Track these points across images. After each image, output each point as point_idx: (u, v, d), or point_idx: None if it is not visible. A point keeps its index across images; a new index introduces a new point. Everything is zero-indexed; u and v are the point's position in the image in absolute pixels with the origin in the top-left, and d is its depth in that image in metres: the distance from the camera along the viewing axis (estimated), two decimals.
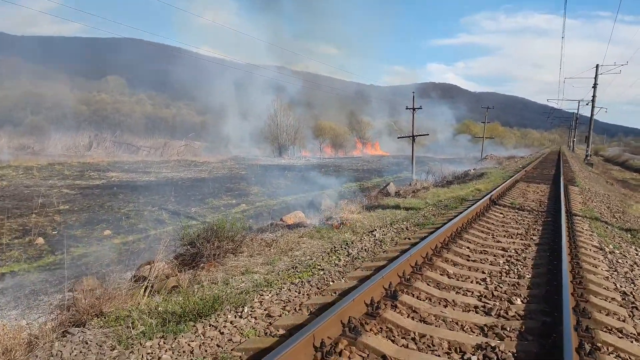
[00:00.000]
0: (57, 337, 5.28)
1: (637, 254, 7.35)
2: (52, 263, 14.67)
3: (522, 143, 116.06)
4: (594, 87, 45.73)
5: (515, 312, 4.57)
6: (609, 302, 4.95)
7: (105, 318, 5.63)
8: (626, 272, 6.21)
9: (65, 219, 18.72)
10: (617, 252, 7.30)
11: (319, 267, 6.61)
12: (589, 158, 45.19)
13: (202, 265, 8.98)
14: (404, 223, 9.82)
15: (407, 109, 32.55)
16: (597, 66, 46.48)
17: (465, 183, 19.39)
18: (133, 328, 4.88)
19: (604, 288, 5.39)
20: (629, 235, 8.96)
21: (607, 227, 9.38)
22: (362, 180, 36.41)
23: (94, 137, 47.42)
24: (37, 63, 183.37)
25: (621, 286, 5.56)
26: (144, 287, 7.85)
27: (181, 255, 10.18)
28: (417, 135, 32.54)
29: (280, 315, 4.60)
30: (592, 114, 45.19)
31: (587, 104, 53.43)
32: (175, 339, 4.37)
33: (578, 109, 72.76)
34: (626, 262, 6.77)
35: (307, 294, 5.24)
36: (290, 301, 5.02)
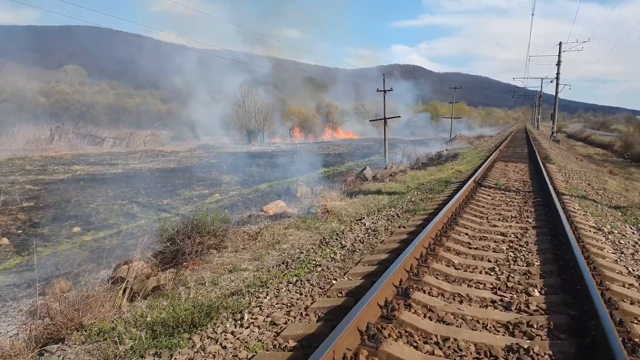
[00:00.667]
0: (34, 356, 4.73)
1: (634, 234, 7.22)
2: (18, 265, 13.81)
3: (487, 122, 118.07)
4: (558, 64, 46.48)
5: (537, 305, 4.28)
6: (629, 288, 4.73)
7: (86, 331, 5.08)
8: (632, 254, 6.04)
9: (30, 217, 17.70)
10: (616, 232, 7.16)
11: (314, 262, 6.19)
12: (554, 135, 46.12)
13: (184, 263, 8.46)
14: (392, 209, 9.50)
15: (377, 91, 32.22)
16: (560, 44, 47.20)
17: (442, 165, 19.28)
18: (120, 343, 4.37)
19: (618, 273, 5.18)
20: (619, 213, 8.89)
21: (596, 206, 9.30)
22: (335, 165, 36.08)
23: (55, 130, 45.31)
24: None
25: (633, 270, 5.36)
26: (122, 289, 7.29)
27: (161, 252, 9.59)
28: (388, 118, 32.32)
29: (286, 323, 4.17)
30: (556, 91, 45.99)
31: (551, 82, 54.41)
32: (171, 355, 3.90)
33: (541, 87, 74.20)
34: (628, 242, 6.62)
35: (311, 296, 4.82)
36: (293, 305, 4.59)
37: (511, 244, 6.38)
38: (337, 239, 7.42)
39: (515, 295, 4.54)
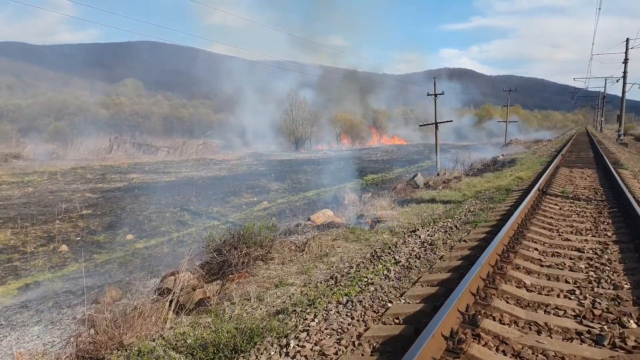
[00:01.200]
0: None
1: None
2: (75, 271, 14.06)
3: (544, 125, 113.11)
4: (625, 62, 43.61)
5: (637, 341, 3.57)
6: None
7: (126, 351, 4.80)
8: None
9: (88, 224, 18.14)
10: None
11: (365, 279, 5.67)
12: (621, 138, 43.20)
13: (230, 275, 8.15)
14: (449, 220, 8.83)
15: (428, 95, 31.26)
16: (627, 40, 44.30)
17: (499, 171, 18.22)
18: None
19: None
20: None
21: None
22: (383, 172, 35.31)
23: (114, 140, 47.14)
24: (57, 71, 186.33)
25: None
26: (168, 301, 7.05)
27: (207, 263, 9.36)
28: (440, 122, 31.27)
29: (336, 354, 3.67)
30: (623, 90, 43.11)
31: (617, 81, 51.18)
32: None
33: (605, 87, 70.13)
34: None
35: (364, 321, 4.30)
36: (344, 331, 4.10)
37: (590, 262, 5.60)
38: (390, 253, 6.87)
39: (605, 327, 3.84)
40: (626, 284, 4.77)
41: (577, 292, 4.63)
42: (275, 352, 3.87)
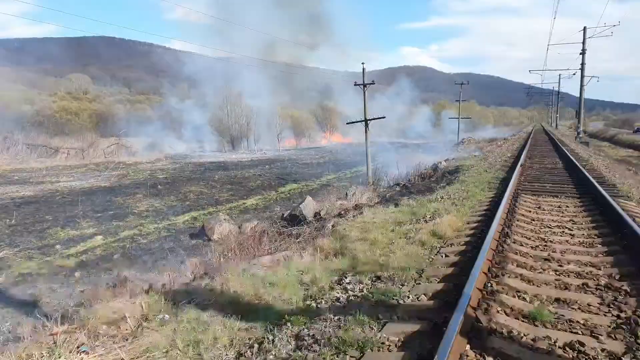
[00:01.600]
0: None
1: None
2: None
3: (501, 122, 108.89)
4: (583, 52, 37.89)
5: None
6: None
7: None
8: None
9: None
10: None
11: None
12: (581, 136, 37.59)
13: None
14: None
15: (355, 85, 24.37)
16: (584, 29, 38.63)
17: (425, 194, 11.37)
18: None
19: None
20: None
21: None
22: (310, 179, 28.27)
23: (3, 140, 38.44)
24: (4, 65, 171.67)
25: None
26: None
27: None
28: (370, 120, 24.44)
29: None
30: (582, 84, 37.42)
31: (573, 74, 45.80)
32: None
33: (559, 83, 65.34)
34: None
35: None
36: None
37: None
38: None
39: None
40: None
41: None
42: None
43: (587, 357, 3.05)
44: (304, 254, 6.87)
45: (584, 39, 38.80)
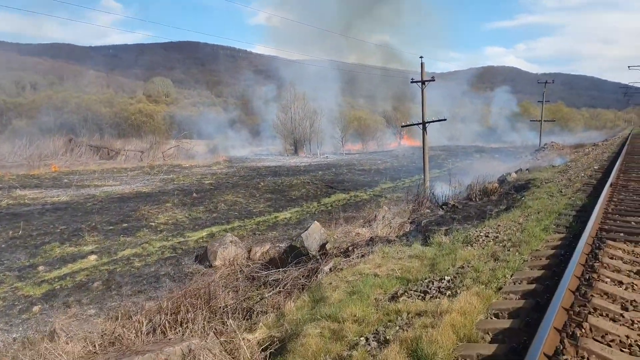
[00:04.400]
0: None
1: None
2: None
3: (593, 125, 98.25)
4: None
5: None
6: None
7: None
8: None
9: None
10: None
11: None
12: None
13: None
14: None
15: (412, 82, 21.25)
16: None
17: (471, 224, 8.38)
18: None
19: None
20: None
21: None
22: (362, 188, 25.52)
23: (68, 142, 39.61)
24: (99, 70, 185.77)
25: None
26: None
27: None
28: (428, 122, 21.20)
29: None
30: None
31: None
32: None
33: None
34: None
35: None
36: None
37: None
38: None
39: None
40: None
41: None
42: None
43: None
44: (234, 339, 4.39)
45: None
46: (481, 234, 7.26)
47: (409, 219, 11.12)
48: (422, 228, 9.23)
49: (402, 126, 23.69)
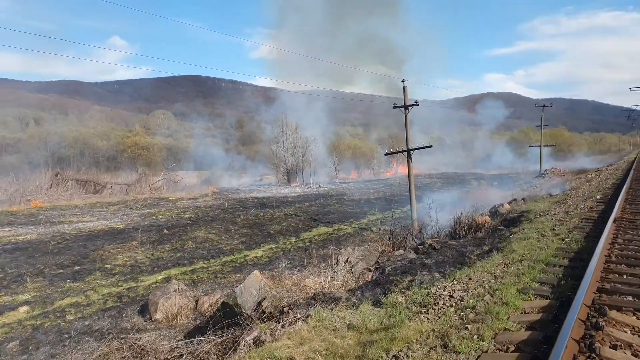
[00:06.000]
0: None
1: None
2: None
3: (597, 149, 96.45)
4: None
5: None
6: None
7: None
8: None
9: None
10: None
11: None
12: None
13: None
14: None
15: (394, 107, 19.78)
16: None
17: (443, 272, 6.72)
18: None
19: None
20: None
21: None
22: (348, 220, 23.77)
23: (54, 176, 38.28)
24: (104, 105, 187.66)
25: None
26: None
27: None
28: (413, 150, 19.63)
29: None
30: None
31: None
32: None
33: None
34: None
35: None
36: None
37: None
38: None
39: None
40: None
41: None
42: None
43: None
44: None
45: None
46: (445, 292, 5.54)
47: (376, 262, 9.39)
48: (383, 278, 7.50)
49: (386, 154, 22.13)
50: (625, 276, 5.42)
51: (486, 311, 4.38)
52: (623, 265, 5.89)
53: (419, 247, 10.45)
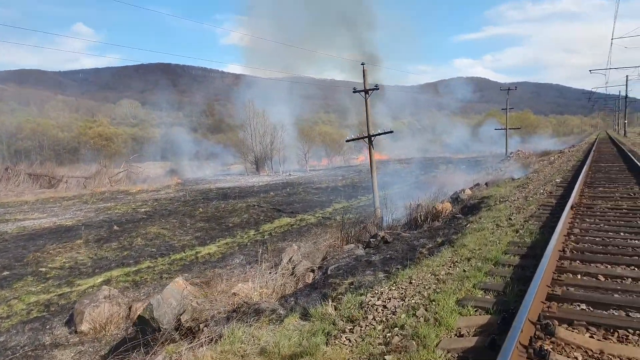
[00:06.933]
0: None
1: None
2: None
3: (561, 131, 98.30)
4: None
5: None
6: None
7: None
8: None
9: None
10: None
11: None
12: None
13: None
14: None
15: (354, 91, 18.96)
16: None
17: (387, 271, 5.96)
18: None
19: None
20: None
21: None
22: (313, 209, 22.99)
23: (4, 171, 36.11)
24: (68, 95, 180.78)
25: None
26: None
27: None
28: (374, 136, 18.90)
29: None
30: None
31: None
32: None
33: (627, 84, 56.31)
34: None
35: None
36: None
37: None
38: None
39: None
40: None
41: None
42: None
43: None
44: None
45: None
46: (379, 301, 4.77)
47: (323, 260, 8.59)
48: (323, 281, 6.70)
49: (347, 140, 21.34)
50: (579, 276, 4.75)
51: (414, 334, 3.60)
52: (578, 261, 5.22)
53: (371, 240, 9.72)
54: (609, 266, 5.01)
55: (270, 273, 7.49)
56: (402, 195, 23.32)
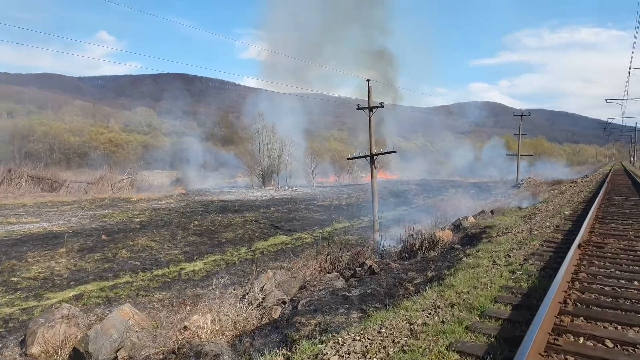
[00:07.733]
0: None
1: None
2: None
3: (575, 160, 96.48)
4: None
5: None
6: None
7: None
8: None
9: None
10: None
11: None
12: None
13: None
14: None
15: (358, 108, 18.25)
16: None
17: (365, 311, 5.08)
18: None
19: None
20: None
21: None
22: (311, 228, 22.13)
23: (7, 173, 35.91)
24: (87, 100, 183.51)
25: None
26: None
27: None
28: (377, 155, 18.10)
29: None
30: None
31: None
32: None
33: None
34: None
35: None
36: None
37: None
38: None
39: None
40: None
41: None
42: None
43: None
44: None
45: None
46: (335, 356, 3.92)
47: (300, 289, 7.74)
48: (288, 318, 5.86)
49: (349, 158, 20.60)
50: (581, 339, 3.86)
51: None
52: (581, 318, 4.32)
53: (357, 269, 8.85)
54: (620, 327, 4.11)
55: (235, 303, 6.67)
56: (406, 218, 22.41)
